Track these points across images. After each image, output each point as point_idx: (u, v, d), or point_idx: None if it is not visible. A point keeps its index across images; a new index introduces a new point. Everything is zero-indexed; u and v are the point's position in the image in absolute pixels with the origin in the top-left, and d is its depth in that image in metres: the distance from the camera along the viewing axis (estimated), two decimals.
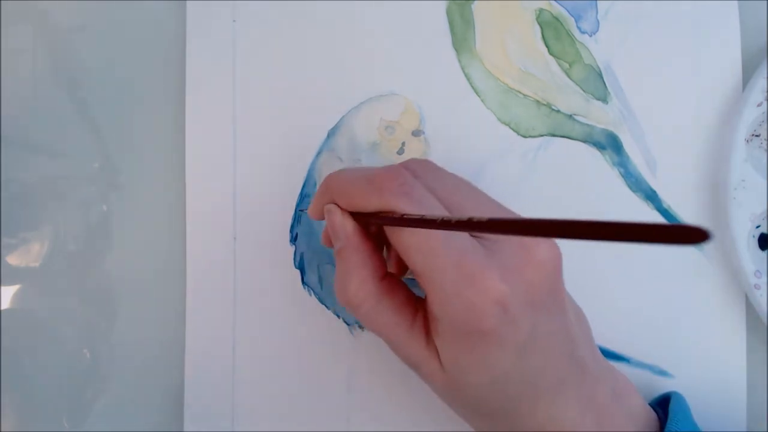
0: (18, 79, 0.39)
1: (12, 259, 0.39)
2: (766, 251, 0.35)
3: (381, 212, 0.28)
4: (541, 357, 0.27)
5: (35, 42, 0.40)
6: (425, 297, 0.28)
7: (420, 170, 0.30)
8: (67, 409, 0.39)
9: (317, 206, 0.32)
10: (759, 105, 0.35)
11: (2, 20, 0.39)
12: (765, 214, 0.35)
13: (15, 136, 0.39)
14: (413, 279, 0.32)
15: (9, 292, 0.39)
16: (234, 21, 0.38)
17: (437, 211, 0.27)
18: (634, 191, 0.38)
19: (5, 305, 0.39)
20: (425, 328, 0.29)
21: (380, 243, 0.31)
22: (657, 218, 0.37)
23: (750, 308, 0.36)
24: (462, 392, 0.28)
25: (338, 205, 0.30)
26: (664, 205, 0.37)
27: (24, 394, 0.39)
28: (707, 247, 0.37)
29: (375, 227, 0.31)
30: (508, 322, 0.26)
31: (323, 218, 0.32)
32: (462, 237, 0.27)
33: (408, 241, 0.27)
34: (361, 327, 0.37)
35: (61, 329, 0.39)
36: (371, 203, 0.28)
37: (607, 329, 0.36)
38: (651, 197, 0.37)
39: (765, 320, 0.35)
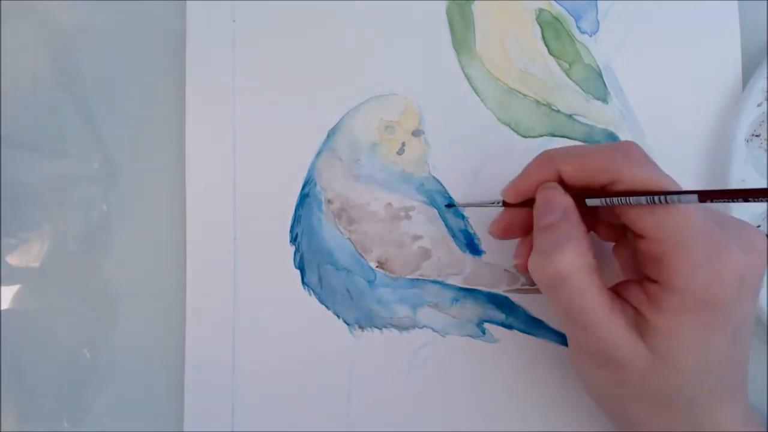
0: (18, 79, 0.39)
1: (12, 259, 0.39)
2: None
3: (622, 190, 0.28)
4: (742, 349, 0.28)
5: (35, 42, 0.39)
6: (660, 268, 0.27)
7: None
8: (67, 409, 0.38)
9: (530, 178, 0.31)
10: (759, 105, 0.34)
11: (2, 20, 0.39)
12: (765, 214, 0.35)
13: (15, 136, 0.39)
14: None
15: (9, 292, 0.39)
16: (234, 21, 0.37)
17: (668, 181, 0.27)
18: None
19: (5, 305, 0.38)
20: (624, 313, 0.28)
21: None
22: None
23: None
24: (664, 379, 0.28)
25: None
26: None
27: (24, 394, 0.38)
28: None
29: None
30: (739, 300, 0.26)
31: (522, 197, 0.31)
32: (707, 213, 0.27)
33: (659, 212, 0.27)
34: (361, 327, 0.37)
35: (61, 329, 0.38)
36: (617, 167, 0.27)
37: None
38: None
39: (765, 320, 0.34)
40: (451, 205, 0.37)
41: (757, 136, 0.35)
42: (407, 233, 0.37)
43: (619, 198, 0.27)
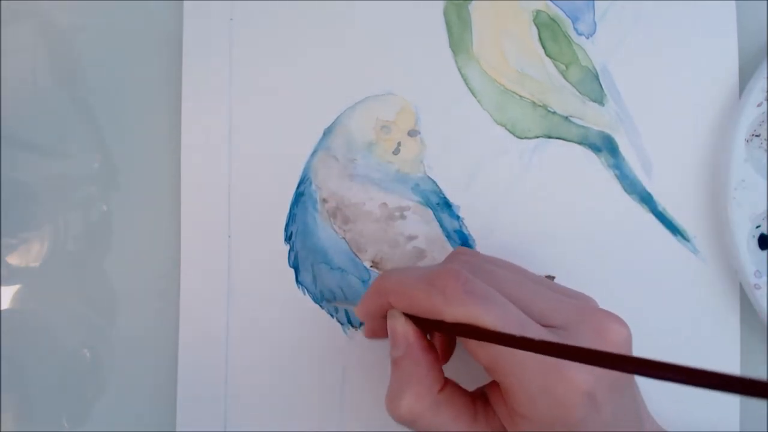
0: (18, 79, 0.38)
1: (12, 259, 0.38)
2: (766, 251, 0.34)
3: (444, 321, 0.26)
4: None
5: (35, 42, 0.38)
6: (504, 394, 0.26)
7: (474, 266, 0.28)
8: (67, 409, 0.37)
9: (369, 307, 0.30)
10: (759, 105, 0.34)
11: (2, 20, 0.38)
12: (765, 214, 0.34)
13: (15, 136, 0.38)
14: None
15: (9, 292, 0.38)
16: (231, 19, 0.37)
17: (505, 310, 0.25)
18: (629, 193, 0.36)
19: (5, 305, 0.38)
20: (488, 423, 0.27)
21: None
22: (651, 221, 0.36)
23: (744, 310, 0.35)
24: None
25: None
26: (659, 208, 0.36)
27: (24, 394, 0.37)
28: (702, 249, 0.36)
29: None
30: (595, 410, 0.24)
31: (372, 325, 0.30)
32: (536, 329, 0.25)
33: (486, 346, 0.25)
34: (354, 326, 0.36)
35: (61, 329, 0.38)
36: (435, 307, 0.26)
37: None
38: (646, 200, 0.36)
39: (765, 320, 0.34)
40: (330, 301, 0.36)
41: (757, 136, 0.34)
42: (402, 233, 0.36)
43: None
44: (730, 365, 0.35)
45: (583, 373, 0.24)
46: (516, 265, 0.30)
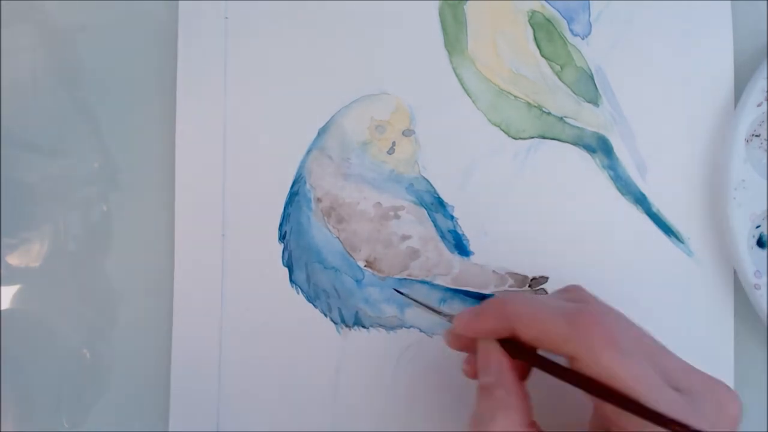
0: (18, 79, 0.37)
1: (12, 259, 0.37)
2: (766, 251, 0.33)
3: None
4: None
5: (35, 42, 0.37)
6: None
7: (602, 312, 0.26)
8: (67, 409, 0.36)
9: (480, 327, 0.27)
10: (759, 105, 0.32)
11: (2, 20, 0.37)
12: (765, 214, 0.32)
13: (15, 136, 0.37)
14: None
15: (9, 292, 0.36)
16: (226, 18, 0.35)
17: (643, 368, 0.24)
18: (623, 194, 0.35)
19: (5, 305, 0.36)
20: None
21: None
22: (645, 222, 0.35)
23: (738, 312, 0.34)
24: None
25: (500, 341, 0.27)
26: (653, 209, 0.34)
27: (24, 394, 0.36)
28: (696, 251, 0.34)
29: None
30: None
31: (465, 342, 0.28)
32: (669, 396, 0.23)
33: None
34: (348, 326, 0.34)
35: (61, 329, 0.36)
36: (569, 344, 0.24)
37: None
38: (640, 200, 0.35)
39: (765, 320, 0.32)
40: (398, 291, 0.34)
41: (757, 136, 0.33)
42: (396, 233, 0.34)
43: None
44: (724, 366, 0.34)
45: None
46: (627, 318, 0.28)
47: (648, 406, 0.22)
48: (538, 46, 0.35)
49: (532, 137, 0.35)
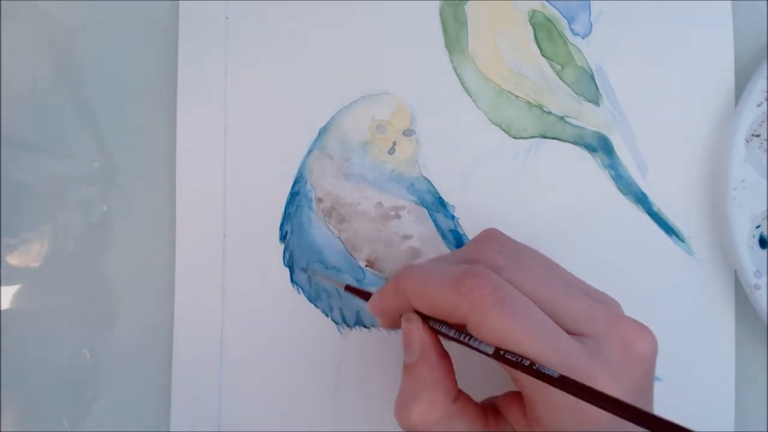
0: (18, 79, 0.36)
1: (12, 259, 0.36)
2: (766, 251, 0.32)
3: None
4: None
5: (35, 42, 0.37)
6: (527, 406, 0.24)
7: (501, 259, 0.25)
8: (67, 409, 0.36)
9: (384, 305, 0.26)
10: (759, 105, 0.32)
11: (2, 20, 0.36)
12: (765, 214, 0.32)
13: (15, 136, 0.36)
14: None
15: (9, 292, 0.36)
16: (226, 18, 0.35)
17: (534, 322, 0.23)
18: (624, 194, 0.34)
19: (5, 305, 0.36)
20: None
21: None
22: (646, 221, 0.34)
23: (739, 311, 0.33)
24: None
25: (418, 313, 0.25)
26: (654, 208, 0.34)
27: (24, 394, 0.36)
28: (697, 250, 0.34)
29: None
30: (618, 421, 0.22)
31: (388, 321, 0.27)
32: (567, 342, 0.23)
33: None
34: (349, 326, 0.34)
35: (61, 329, 0.36)
36: (458, 311, 0.23)
37: None
38: (641, 200, 0.34)
39: (765, 320, 0.32)
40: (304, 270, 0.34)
41: (757, 136, 0.32)
42: (397, 233, 0.34)
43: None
44: (725, 366, 0.34)
45: (609, 385, 0.22)
46: (546, 258, 0.27)
47: (543, 371, 0.21)
48: (539, 46, 0.34)
49: (533, 137, 0.34)
